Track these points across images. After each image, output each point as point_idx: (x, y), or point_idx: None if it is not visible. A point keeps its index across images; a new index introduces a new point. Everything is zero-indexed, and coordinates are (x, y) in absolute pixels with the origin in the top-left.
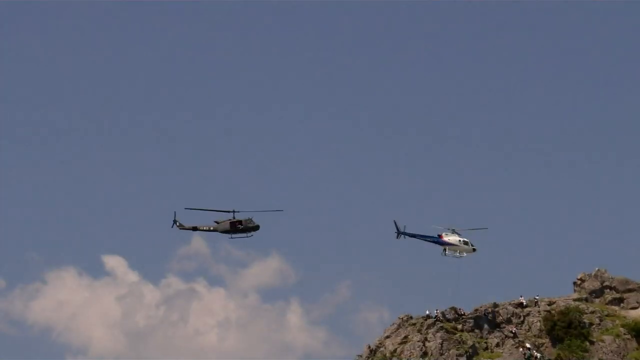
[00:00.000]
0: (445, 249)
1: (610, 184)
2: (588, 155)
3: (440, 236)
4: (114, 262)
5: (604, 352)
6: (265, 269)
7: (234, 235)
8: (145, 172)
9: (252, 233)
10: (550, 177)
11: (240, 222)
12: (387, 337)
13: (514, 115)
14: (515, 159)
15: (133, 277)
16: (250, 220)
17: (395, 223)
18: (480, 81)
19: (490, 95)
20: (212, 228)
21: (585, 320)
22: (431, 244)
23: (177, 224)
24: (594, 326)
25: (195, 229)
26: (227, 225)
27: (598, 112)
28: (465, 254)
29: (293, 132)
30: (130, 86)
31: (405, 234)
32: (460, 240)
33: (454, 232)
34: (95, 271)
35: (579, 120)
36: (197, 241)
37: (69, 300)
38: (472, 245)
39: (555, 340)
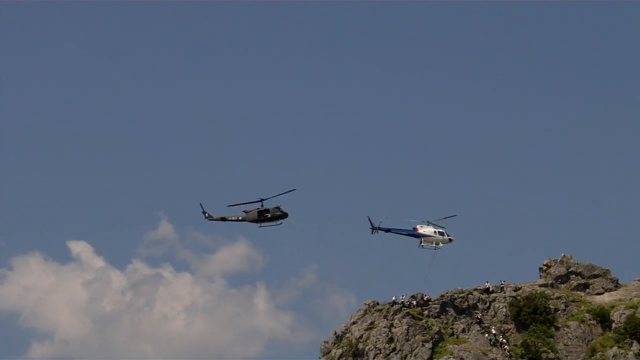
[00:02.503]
0: (421, 241)
1: (576, 171)
2: (554, 143)
3: (415, 229)
4: (79, 248)
5: (569, 337)
6: (232, 254)
7: (262, 224)
8: (111, 159)
9: (281, 221)
10: (517, 164)
11: (267, 210)
12: (354, 323)
13: (481, 104)
14: (482, 147)
15: (99, 262)
16: (278, 208)
17: (369, 219)
18: (447, 71)
19: (455, 83)
20: (240, 218)
21: (551, 306)
22: (407, 237)
23: (206, 214)
24: (560, 312)
25: (223, 219)
26: (255, 215)
27: (561, 98)
28: (441, 245)
29: (269, 123)
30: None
31: (380, 229)
32: (435, 232)
33: (429, 223)
34: (62, 257)
35: (545, 108)
36: (165, 226)
37: (35, 286)
38: (448, 236)
39: (521, 326)
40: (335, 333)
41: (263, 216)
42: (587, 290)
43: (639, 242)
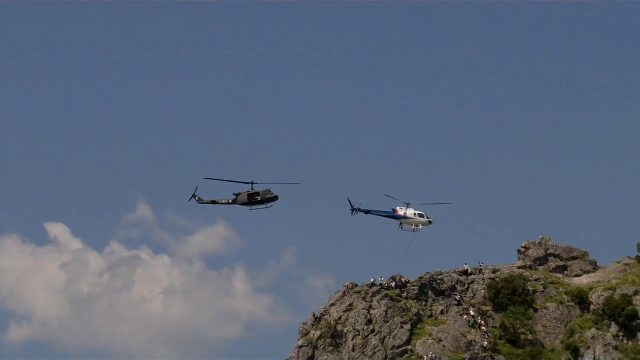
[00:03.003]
0: (401, 223)
1: (554, 155)
2: (531, 128)
3: (395, 210)
4: (57, 230)
5: (547, 319)
6: (211, 236)
7: (253, 207)
8: (89, 141)
9: (272, 204)
10: (496, 146)
11: (257, 193)
12: (332, 304)
13: (458, 92)
14: (462, 129)
15: (76, 244)
16: (268, 190)
17: (349, 200)
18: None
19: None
20: (230, 201)
21: (529, 288)
22: (387, 218)
23: (197, 198)
24: (538, 293)
25: (214, 202)
26: (245, 197)
27: (536, 84)
28: (421, 227)
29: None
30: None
31: (359, 210)
32: (415, 213)
33: (408, 205)
34: (39, 238)
35: (518, 94)
36: (143, 208)
37: (13, 267)
38: (427, 217)
39: (499, 308)
40: (314, 314)
41: (253, 199)
42: (565, 272)
43: (617, 224)
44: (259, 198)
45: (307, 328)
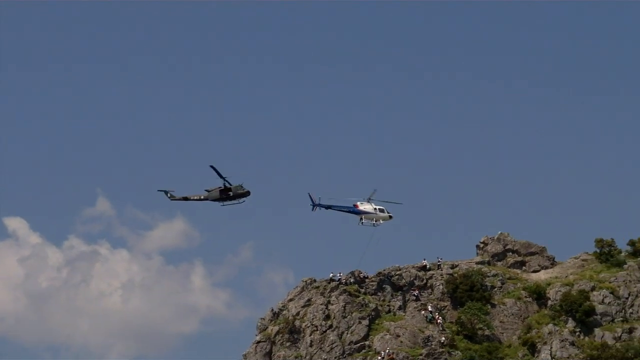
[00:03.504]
0: (361, 218)
1: (513, 151)
2: (490, 123)
3: (355, 205)
4: (15, 224)
5: (505, 314)
6: (170, 231)
7: (225, 203)
8: (49, 135)
9: (244, 199)
10: (456, 141)
11: (229, 189)
12: (291, 300)
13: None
14: (421, 125)
15: (35, 239)
16: (240, 186)
17: (310, 195)
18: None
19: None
20: (202, 197)
21: (487, 283)
22: (347, 213)
23: (169, 195)
24: (496, 289)
25: (186, 199)
26: (217, 194)
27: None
28: (381, 222)
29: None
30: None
31: (320, 205)
32: (375, 209)
33: (369, 200)
34: None
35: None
36: (102, 203)
37: None
38: (387, 213)
39: (458, 303)
40: (272, 310)
41: (225, 195)
42: (524, 267)
43: (575, 220)
44: (231, 194)
45: (265, 324)
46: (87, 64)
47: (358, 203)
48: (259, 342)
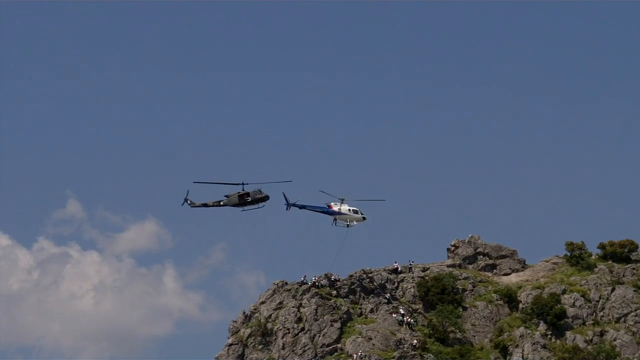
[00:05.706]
0: (335, 219)
1: (484, 154)
2: (461, 125)
3: (329, 206)
4: None
5: (476, 317)
6: (141, 233)
7: (244, 208)
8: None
9: (263, 204)
10: (428, 145)
11: (247, 194)
12: (262, 302)
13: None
14: (393, 129)
15: (5, 240)
16: (259, 191)
17: (284, 195)
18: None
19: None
20: (222, 203)
21: (459, 286)
22: (321, 214)
23: (188, 202)
24: (467, 292)
25: (205, 205)
26: (236, 199)
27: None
28: (355, 223)
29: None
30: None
31: (295, 205)
32: (349, 210)
33: (343, 201)
34: None
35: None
36: (73, 205)
37: None
38: (361, 214)
39: (429, 306)
40: (244, 313)
41: (244, 200)
42: (495, 270)
43: (546, 223)
44: (249, 199)
45: (238, 326)
46: (52, 63)
47: (332, 203)
48: (231, 344)
